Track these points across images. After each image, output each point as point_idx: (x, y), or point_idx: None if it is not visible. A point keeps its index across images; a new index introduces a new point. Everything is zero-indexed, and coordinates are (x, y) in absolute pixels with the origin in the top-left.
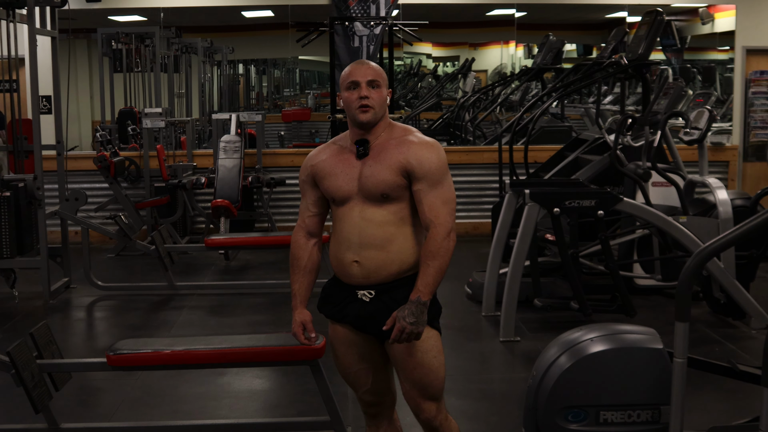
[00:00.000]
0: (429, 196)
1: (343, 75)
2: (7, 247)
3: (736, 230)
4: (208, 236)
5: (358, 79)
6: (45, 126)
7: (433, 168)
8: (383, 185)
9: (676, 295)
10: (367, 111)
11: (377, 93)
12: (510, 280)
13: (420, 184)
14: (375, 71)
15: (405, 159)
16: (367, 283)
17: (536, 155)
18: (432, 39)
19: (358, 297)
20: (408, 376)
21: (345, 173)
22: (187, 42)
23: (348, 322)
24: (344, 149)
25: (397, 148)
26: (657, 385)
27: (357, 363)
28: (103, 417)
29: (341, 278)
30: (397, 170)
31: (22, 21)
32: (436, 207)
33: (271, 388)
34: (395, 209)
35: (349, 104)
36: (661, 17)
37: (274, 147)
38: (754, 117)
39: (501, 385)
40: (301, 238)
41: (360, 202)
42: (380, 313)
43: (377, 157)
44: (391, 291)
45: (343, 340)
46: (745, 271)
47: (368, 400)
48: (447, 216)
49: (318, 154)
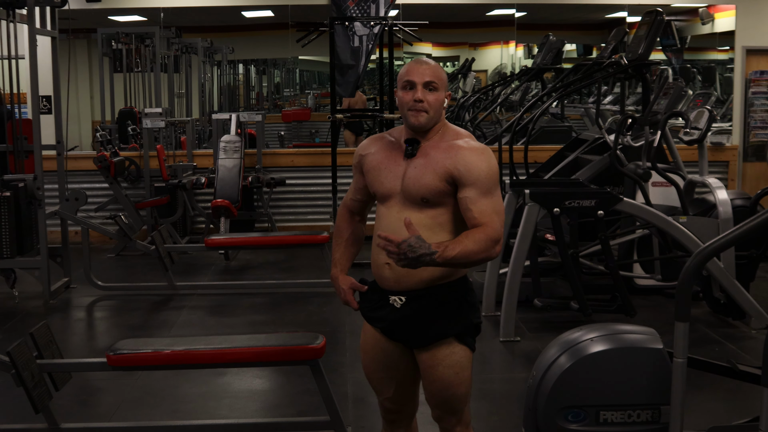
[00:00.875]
0: (478, 203)
1: (400, 73)
2: (7, 247)
3: (736, 230)
4: (208, 236)
5: (414, 80)
6: (45, 126)
7: (482, 176)
8: (425, 189)
9: (676, 295)
10: (419, 115)
11: (433, 96)
12: (510, 280)
13: (468, 191)
14: (433, 72)
15: (452, 165)
16: (398, 288)
17: (536, 155)
18: (432, 39)
19: (390, 302)
20: (427, 387)
21: (390, 170)
22: (187, 42)
23: (379, 327)
24: (395, 145)
25: (445, 152)
26: (657, 385)
27: (381, 370)
28: (103, 417)
29: (376, 280)
30: (442, 175)
31: (22, 21)
32: (487, 214)
33: (271, 388)
34: (434, 214)
35: (402, 104)
36: (661, 17)
37: (274, 147)
38: (754, 117)
39: (501, 385)
40: (346, 214)
41: (400, 201)
42: (409, 320)
43: (424, 159)
44: (422, 299)
45: (372, 345)
46: (745, 271)
47: (388, 407)
48: (499, 225)
49: (370, 145)
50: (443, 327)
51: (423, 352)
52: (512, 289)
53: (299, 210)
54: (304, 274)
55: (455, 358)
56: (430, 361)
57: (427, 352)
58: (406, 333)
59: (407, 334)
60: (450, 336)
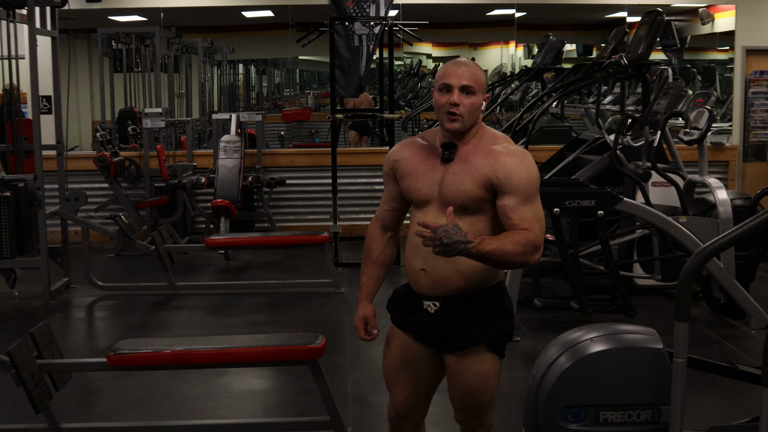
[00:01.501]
0: (519, 211)
1: (438, 73)
2: (7, 247)
3: (736, 230)
4: (208, 236)
5: (451, 83)
6: (45, 126)
7: (523, 183)
8: (464, 196)
9: (676, 295)
10: (455, 120)
11: (470, 100)
12: (510, 280)
13: (508, 199)
14: (471, 75)
15: (492, 171)
16: (433, 293)
17: (536, 155)
18: (432, 39)
19: (423, 307)
20: (452, 393)
21: (426, 175)
22: (187, 42)
23: (410, 332)
24: (430, 148)
25: (484, 157)
26: (657, 385)
27: (400, 371)
28: (103, 417)
29: (411, 285)
30: (481, 182)
31: (22, 21)
32: (528, 220)
33: (271, 388)
34: (472, 221)
35: (438, 107)
36: (661, 17)
37: (274, 147)
38: (753, 117)
39: (501, 385)
40: (377, 230)
41: (437, 207)
42: (443, 325)
43: (463, 164)
44: (457, 305)
45: (398, 344)
46: (745, 271)
47: (398, 411)
48: (540, 233)
49: (402, 150)
50: (475, 334)
51: (451, 357)
52: (512, 289)
53: (299, 210)
54: (304, 274)
55: (483, 366)
56: (457, 367)
57: (455, 357)
58: (438, 338)
59: (439, 340)
60: (481, 343)
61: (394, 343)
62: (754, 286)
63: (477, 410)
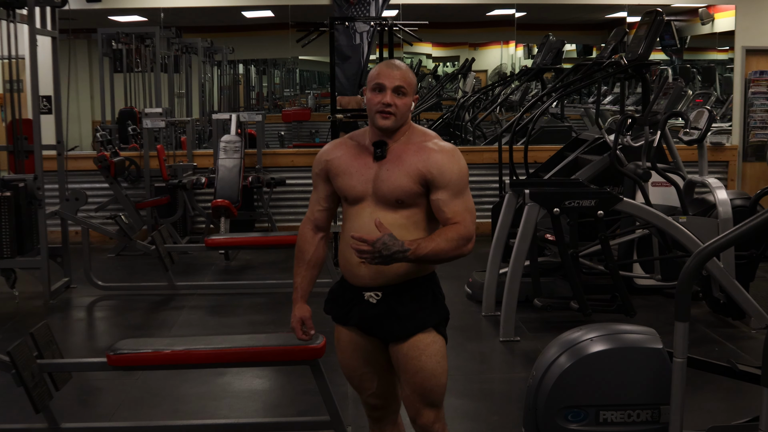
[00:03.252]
0: (451, 205)
1: (371, 74)
2: (7, 247)
3: (736, 230)
4: (208, 236)
5: (384, 83)
6: (45, 126)
7: (454, 178)
8: (399, 191)
9: (676, 295)
10: (387, 118)
11: (402, 101)
12: (510, 280)
13: (440, 193)
14: (403, 77)
15: (424, 167)
16: (374, 284)
17: (536, 155)
18: (432, 39)
19: (365, 298)
20: (409, 380)
21: (360, 173)
22: (187, 42)
23: (354, 324)
24: (361, 147)
25: (416, 154)
26: (657, 385)
27: (362, 366)
28: (103, 417)
29: (348, 279)
30: (415, 177)
31: (22, 21)
32: (460, 213)
33: (271, 388)
34: (408, 214)
35: (370, 105)
36: (661, 17)
37: (274, 147)
38: (753, 117)
39: (501, 385)
40: (309, 231)
41: (372, 203)
42: (386, 315)
43: (395, 161)
44: (399, 293)
45: (349, 343)
46: (745, 271)
47: (373, 403)
48: (471, 224)
49: (333, 150)
50: (422, 318)
51: (403, 345)
52: (512, 289)
53: (299, 210)
54: None
55: (436, 347)
56: (412, 352)
57: (407, 344)
58: (384, 327)
59: (386, 329)
60: (429, 326)
61: (343, 341)
62: (754, 286)
63: (437, 395)
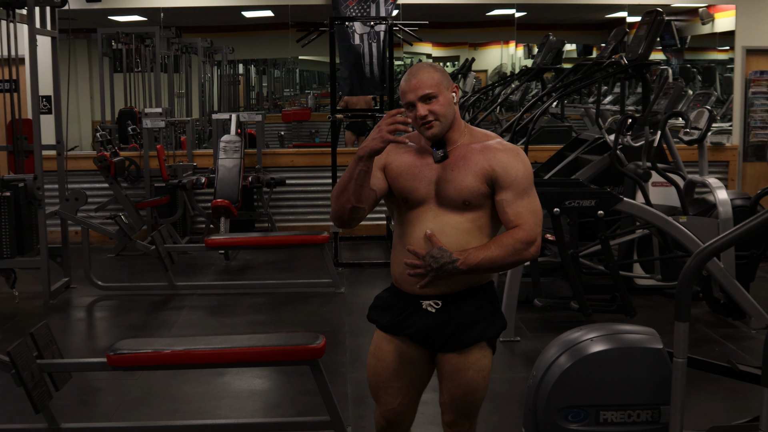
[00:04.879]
0: (515, 205)
1: (399, 91)
2: (7, 247)
3: (736, 230)
4: (208, 236)
5: (411, 100)
6: (45, 126)
7: (519, 177)
8: (467, 192)
9: (676, 295)
10: (431, 126)
11: (436, 104)
12: (510, 280)
13: (505, 193)
14: (426, 82)
15: (490, 166)
16: (435, 293)
17: (536, 155)
18: (432, 39)
19: (423, 307)
20: (451, 391)
21: (423, 175)
22: (187, 42)
23: (408, 334)
24: (422, 150)
25: (481, 153)
26: (657, 385)
27: (393, 379)
28: (103, 417)
29: (403, 287)
30: (481, 177)
31: (22, 21)
32: (523, 215)
33: (271, 388)
34: (473, 217)
35: (414, 123)
36: (661, 17)
37: (274, 147)
38: (754, 117)
39: (501, 385)
40: None
41: (435, 206)
42: (445, 324)
43: (459, 162)
44: (459, 302)
45: (391, 353)
46: (745, 271)
47: (389, 419)
48: (534, 226)
49: (394, 146)
50: (481, 330)
51: (454, 355)
52: (512, 289)
53: (299, 210)
54: (304, 274)
55: (485, 362)
56: (461, 365)
57: (460, 356)
58: (441, 337)
59: (442, 338)
60: (486, 339)
61: (385, 350)
62: (754, 286)
63: (473, 408)
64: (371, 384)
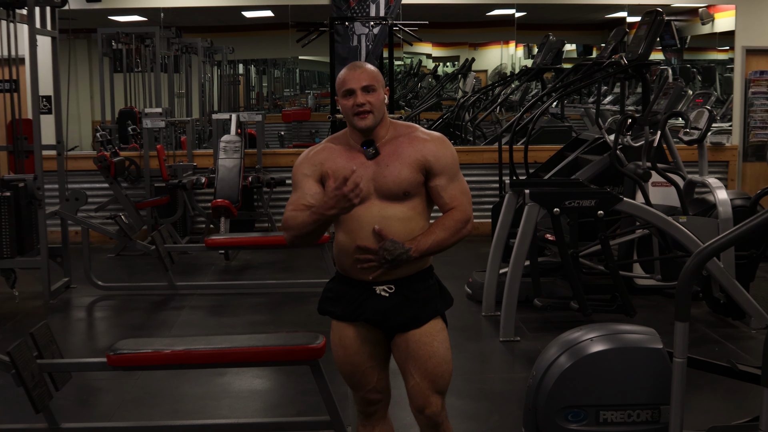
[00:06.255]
0: (449, 189)
1: (338, 81)
2: (7, 247)
3: (736, 230)
4: (208, 236)
5: (352, 87)
6: (45, 126)
7: (449, 163)
8: (406, 183)
9: (676, 295)
10: (365, 117)
11: (374, 96)
12: (510, 280)
13: (438, 179)
14: (369, 74)
15: (423, 156)
16: (388, 278)
17: (536, 155)
18: (432, 39)
19: (377, 293)
20: (421, 367)
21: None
22: (187, 42)
23: (365, 319)
24: (350, 149)
25: (410, 145)
26: (657, 385)
27: (367, 361)
28: (103, 417)
29: (354, 276)
30: (416, 167)
31: (22, 21)
32: (457, 197)
33: (271, 388)
34: (413, 204)
35: (346, 112)
36: (661, 17)
37: (274, 147)
38: (753, 117)
39: (501, 385)
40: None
41: (377, 200)
42: (401, 305)
43: (392, 155)
44: (411, 284)
45: (355, 339)
46: (745, 271)
47: (373, 398)
48: (467, 205)
49: (325, 153)
50: (435, 305)
51: (416, 331)
52: (512, 289)
53: None
54: (304, 274)
55: (444, 334)
56: (425, 338)
57: (421, 331)
58: (398, 318)
59: (400, 319)
60: (440, 313)
61: (349, 337)
62: (754, 286)
63: (443, 382)
64: (346, 373)
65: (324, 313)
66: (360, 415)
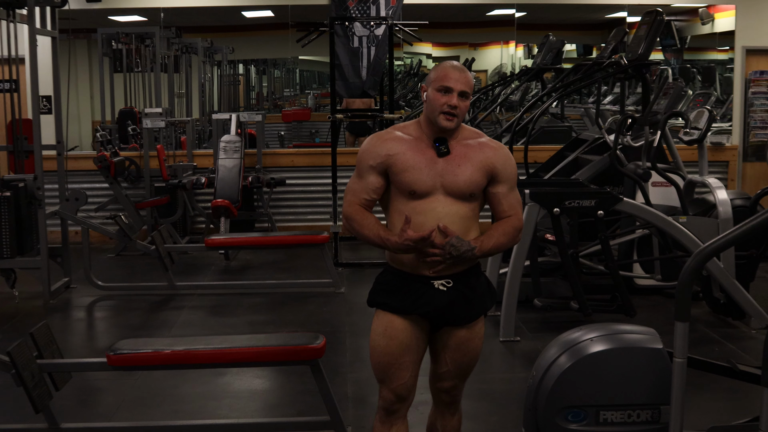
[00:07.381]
0: (509, 197)
1: (437, 74)
2: (7, 247)
3: (736, 230)
4: (208, 236)
5: (452, 86)
6: (45, 126)
7: (512, 173)
8: (475, 185)
9: (676, 295)
10: (452, 120)
11: (465, 104)
12: (510, 280)
13: (501, 186)
14: (468, 82)
15: (491, 162)
16: (446, 273)
17: (536, 155)
18: (432, 39)
19: (435, 287)
20: (457, 360)
21: (428, 168)
22: (187, 42)
23: (421, 313)
24: (418, 142)
25: (481, 150)
26: (657, 385)
27: (405, 354)
28: (103, 417)
29: (412, 270)
30: (484, 171)
31: (22, 21)
32: (515, 206)
33: (271, 388)
34: (473, 206)
35: (434, 105)
36: (661, 17)
37: (274, 147)
38: (753, 117)
39: (501, 385)
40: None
41: (443, 196)
42: (457, 301)
43: (463, 157)
44: (467, 279)
45: (402, 331)
46: (745, 271)
47: (400, 393)
48: (521, 215)
49: (392, 144)
50: (483, 303)
51: (463, 328)
52: (512, 289)
53: (299, 210)
54: (304, 274)
55: (483, 331)
56: (469, 336)
57: (468, 328)
58: (453, 313)
59: (455, 314)
60: (487, 311)
61: (398, 328)
62: (754, 286)
63: (470, 370)
64: (382, 363)
65: (376, 305)
66: (381, 411)
